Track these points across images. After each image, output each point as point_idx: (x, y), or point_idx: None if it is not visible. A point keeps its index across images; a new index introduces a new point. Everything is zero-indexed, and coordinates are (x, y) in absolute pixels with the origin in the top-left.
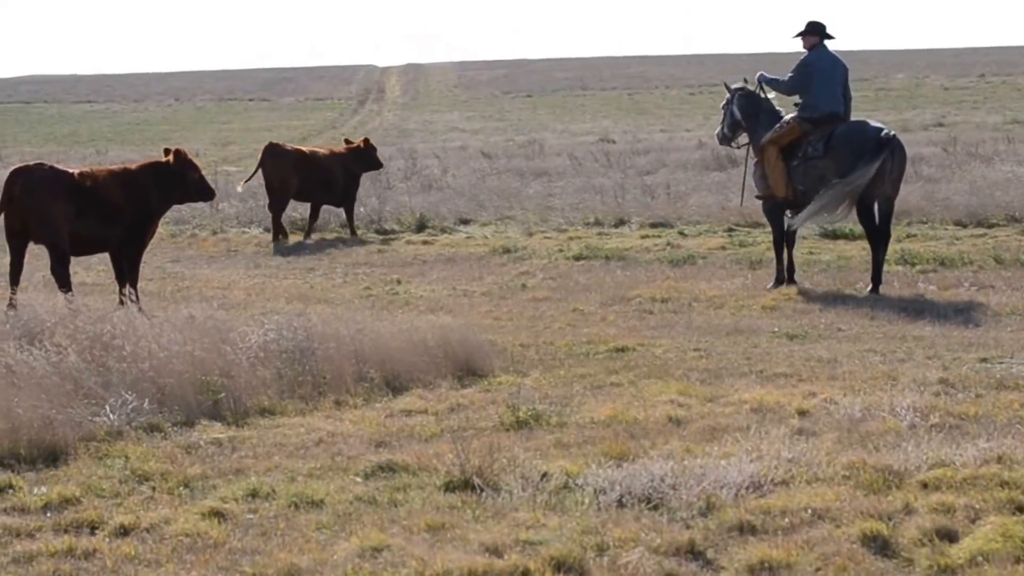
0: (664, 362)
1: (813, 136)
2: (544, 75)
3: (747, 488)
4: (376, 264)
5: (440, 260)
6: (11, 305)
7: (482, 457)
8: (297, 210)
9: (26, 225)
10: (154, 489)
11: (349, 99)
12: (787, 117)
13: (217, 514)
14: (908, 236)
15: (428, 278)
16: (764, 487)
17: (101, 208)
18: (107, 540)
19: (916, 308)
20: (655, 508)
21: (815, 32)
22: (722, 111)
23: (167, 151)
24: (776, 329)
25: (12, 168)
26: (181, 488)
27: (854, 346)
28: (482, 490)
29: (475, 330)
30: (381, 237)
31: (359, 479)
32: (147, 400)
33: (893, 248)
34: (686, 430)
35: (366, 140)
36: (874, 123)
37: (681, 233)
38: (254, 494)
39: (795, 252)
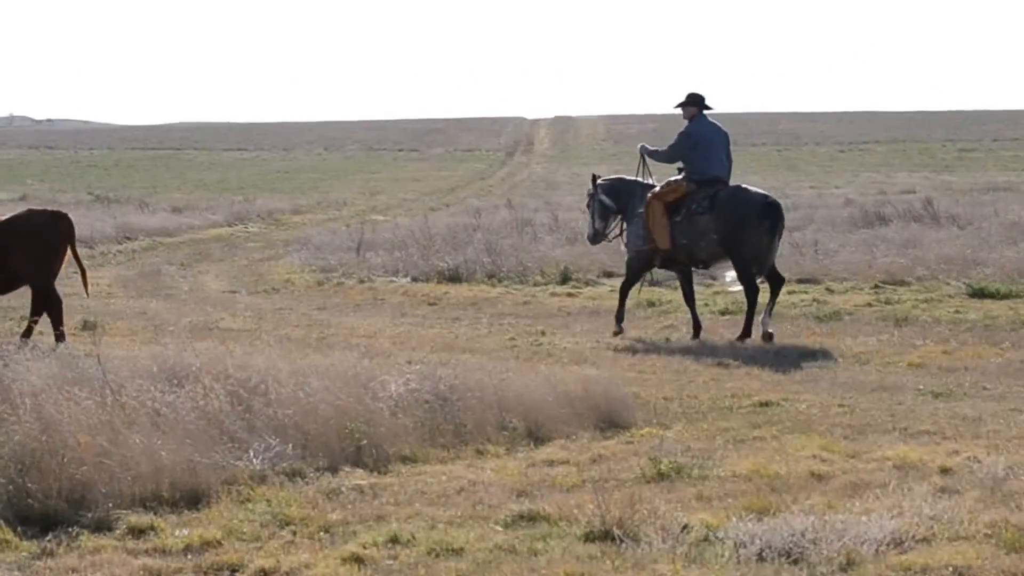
0: (808, 417)
1: (698, 195)
2: None
3: (888, 544)
4: (521, 315)
5: (584, 312)
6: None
7: (623, 508)
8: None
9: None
10: (295, 534)
11: (497, 151)
12: (674, 177)
13: (357, 560)
14: None
15: (572, 330)
16: (905, 544)
17: None
18: None
19: None
20: (795, 563)
21: (694, 103)
22: (587, 208)
23: None
24: (921, 387)
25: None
26: (322, 533)
27: (999, 405)
28: (622, 541)
29: (618, 382)
30: (527, 289)
31: (499, 528)
32: (290, 445)
33: None
34: (828, 485)
35: None
36: (755, 189)
37: (828, 289)
38: (394, 540)
39: (941, 311)
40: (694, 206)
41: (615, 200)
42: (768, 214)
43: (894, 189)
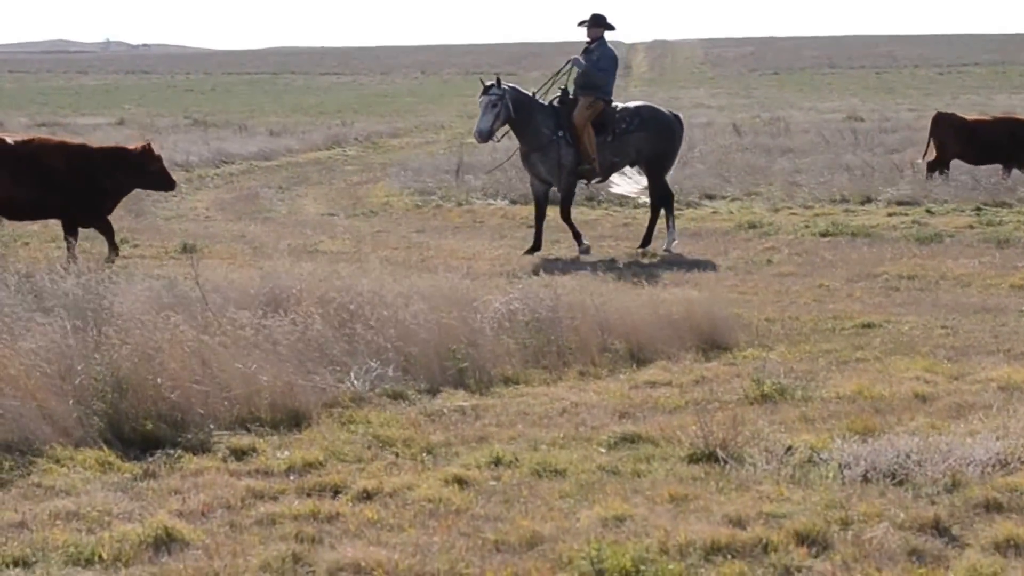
0: (910, 339)
1: (621, 114)
2: (792, 53)
3: (993, 466)
4: (622, 237)
5: (685, 234)
6: None
7: (726, 430)
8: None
9: None
10: (397, 455)
11: None
12: (587, 99)
13: (460, 481)
14: None
15: (673, 251)
16: (1010, 465)
17: None
18: (350, 504)
19: None
20: (900, 484)
21: (600, 24)
22: (487, 107)
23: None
24: None
25: None
26: (424, 454)
27: None
28: (725, 462)
29: (721, 304)
30: (627, 211)
31: (602, 449)
32: (392, 367)
33: None
34: (932, 407)
35: None
36: (660, 106)
37: (928, 211)
38: (497, 462)
39: None
40: (624, 125)
41: (516, 111)
42: (681, 130)
43: (994, 111)
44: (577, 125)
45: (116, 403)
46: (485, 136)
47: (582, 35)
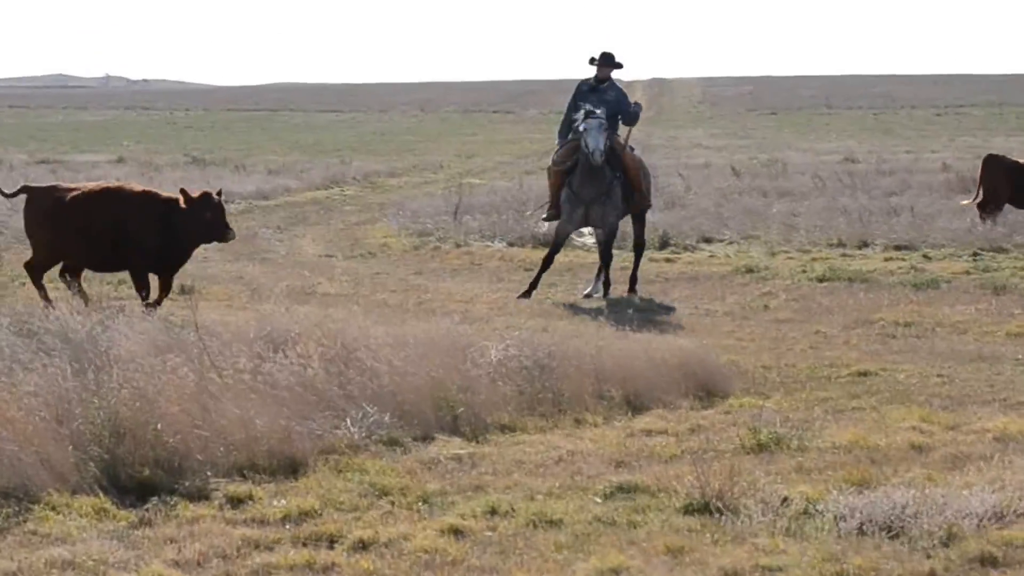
0: (906, 388)
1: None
2: (789, 92)
3: (989, 519)
4: (618, 281)
5: (682, 278)
6: None
7: (722, 480)
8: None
9: None
10: (393, 504)
11: None
12: (618, 138)
13: (456, 531)
14: None
15: (670, 296)
16: (1007, 518)
17: None
18: (346, 555)
19: None
20: (895, 537)
21: (611, 64)
22: (599, 128)
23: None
24: (1020, 356)
25: None
26: (420, 503)
27: None
28: (722, 513)
29: (717, 350)
30: (623, 253)
31: (598, 499)
32: (388, 413)
33: None
34: (928, 458)
35: None
36: None
37: (925, 256)
38: (493, 511)
39: None
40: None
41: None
42: None
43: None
44: (631, 167)
45: (113, 448)
46: (604, 155)
47: (579, 73)
